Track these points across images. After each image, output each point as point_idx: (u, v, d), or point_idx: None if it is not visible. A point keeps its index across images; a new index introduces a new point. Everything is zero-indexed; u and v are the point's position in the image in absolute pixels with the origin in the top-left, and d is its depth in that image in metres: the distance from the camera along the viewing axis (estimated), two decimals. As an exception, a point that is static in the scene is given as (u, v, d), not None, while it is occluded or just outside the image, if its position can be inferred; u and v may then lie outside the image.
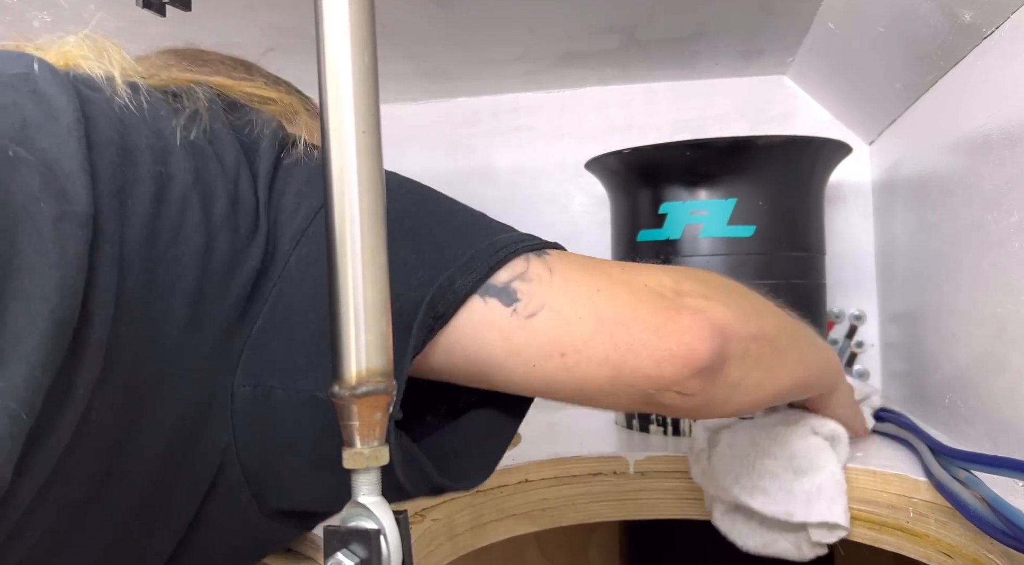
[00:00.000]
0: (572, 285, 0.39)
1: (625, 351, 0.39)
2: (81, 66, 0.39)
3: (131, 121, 0.37)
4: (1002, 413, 0.59)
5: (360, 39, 0.33)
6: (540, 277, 0.39)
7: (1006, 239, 0.57)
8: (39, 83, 0.36)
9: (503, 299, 0.38)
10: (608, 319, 0.39)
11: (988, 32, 0.59)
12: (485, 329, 0.38)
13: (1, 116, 0.33)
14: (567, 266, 0.40)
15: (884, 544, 0.57)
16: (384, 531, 0.32)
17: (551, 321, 0.38)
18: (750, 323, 0.43)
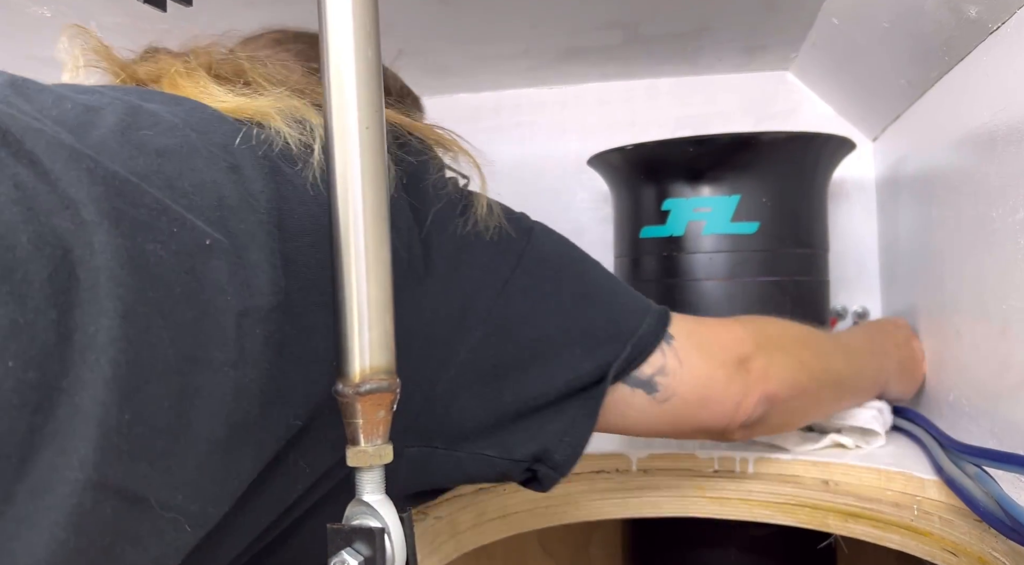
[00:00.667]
0: (693, 376, 0.49)
1: (711, 416, 0.51)
2: (281, 133, 0.38)
3: (323, 200, 0.36)
4: (1007, 411, 0.59)
5: (364, 35, 0.33)
6: (674, 371, 0.48)
7: (1011, 236, 0.57)
8: (238, 160, 0.35)
9: (647, 390, 0.48)
10: (712, 400, 0.50)
11: (994, 27, 0.58)
12: (629, 410, 0.48)
13: (200, 194, 0.32)
14: (690, 352, 0.49)
15: (888, 542, 0.57)
16: (388, 529, 0.32)
17: (679, 405, 0.49)
18: (796, 383, 0.54)
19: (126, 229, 0.28)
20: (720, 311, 0.74)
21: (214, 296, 0.30)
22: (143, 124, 0.34)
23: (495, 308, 0.42)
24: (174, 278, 0.29)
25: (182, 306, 0.29)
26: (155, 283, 0.28)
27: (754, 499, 0.64)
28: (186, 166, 0.33)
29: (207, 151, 0.34)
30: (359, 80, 0.33)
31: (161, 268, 0.29)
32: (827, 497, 0.61)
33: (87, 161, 0.28)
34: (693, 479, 0.66)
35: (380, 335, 0.33)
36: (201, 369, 0.29)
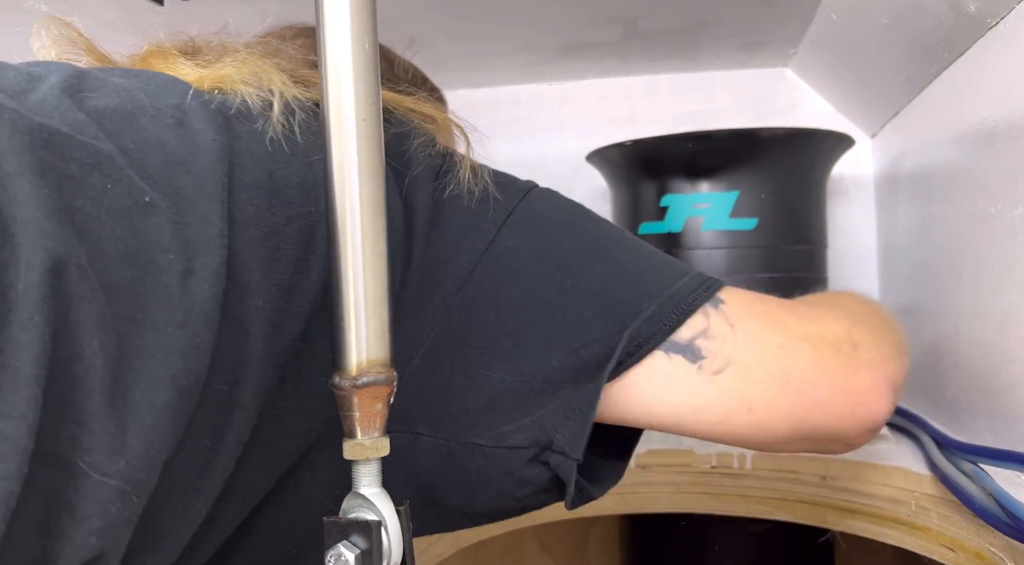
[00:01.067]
0: (755, 341, 0.39)
1: (810, 408, 0.39)
2: (239, 91, 0.37)
3: (282, 156, 0.35)
4: (1005, 407, 0.59)
5: (361, 26, 0.32)
6: (723, 334, 0.38)
7: (1010, 232, 0.57)
8: (187, 115, 0.34)
9: (688, 356, 0.38)
10: (794, 377, 0.39)
11: (993, 23, 0.58)
12: (671, 385, 0.38)
13: (145, 151, 0.31)
14: (746, 318, 0.39)
15: (886, 537, 0.57)
16: (385, 523, 0.32)
17: (738, 378, 0.38)
18: (904, 363, 0.45)
19: (51, 181, 0.26)
20: (718, 307, 0.74)
21: (155, 255, 0.28)
22: (87, 87, 0.33)
23: (477, 271, 0.37)
24: (107, 236, 0.28)
25: (118, 265, 0.27)
26: (85, 240, 0.27)
27: (752, 495, 0.64)
28: (128, 124, 0.32)
29: (153, 109, 0.33)
30: (356, 72, 0.32)
31: (91, 225, 0.27)
32: (825, 493, 0.61)
33: (9, 113, 0.27)
34: (691, 475, 0.66)
35: (377, 327, 0.33)
36: (141, 330, 0.27)
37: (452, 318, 0.37)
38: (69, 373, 0.25)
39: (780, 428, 0.39)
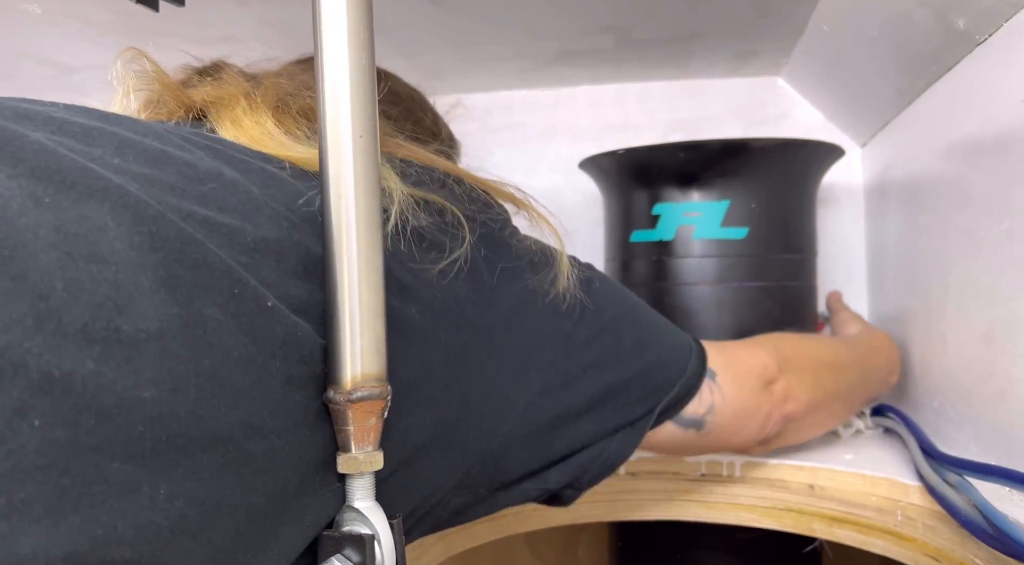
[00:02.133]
0: (731, 407, 0.52)
1: (739, 440, 0.55)
2: None
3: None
4: (990, 418, 0.60)
5: (358, 42, 0.33)
6: (720, 409, 0.51)
7: (996, 245, 0.57)
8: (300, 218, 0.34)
9: (697, 428, 0.51)
10: (743, 425, 0.54)
11: (981, 39, 0.59)
12: (675, 442, 0.51)
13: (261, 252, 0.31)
14: (729, 387, 0.52)
15: (872, 546, 0.58)
16: (378, 536, 0.32)
17: (718, 438, 0.53)
18: (813, 401, 0.57)
19: (183, 295, 0.26)
20: (709, 315, 0.75)
21: (267, 361, 0.29)
22: (205, 178, 0.32)
23: (556, 361, 0.42)
24: (233, 342, 0.28)
25: (241, 371, 0.28)
26: (212, 349, 0.27)
27: (741, 503, 0.65)
28: (248, 222, 0.31)
29: (269, 209, 0.33)
30: (353, 88, 0.33)
31: (220, 334, 0.27)
32: (812, 502, 0.62)
33: (150, 223, 0.27)
34: (680, 483, 0.66)
35: (371, 341, 0.33)
36: (252, 436, 0.28)
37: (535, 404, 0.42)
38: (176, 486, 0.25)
39: (715, 450, 0.56)
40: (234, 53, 0.60)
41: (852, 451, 0.68)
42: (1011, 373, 0.55)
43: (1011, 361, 0.55)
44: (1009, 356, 0.56)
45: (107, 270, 0.24)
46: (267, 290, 0.30)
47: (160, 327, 0.25)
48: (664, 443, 0.51)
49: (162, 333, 0.25)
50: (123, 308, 0.24)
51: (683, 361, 0.49)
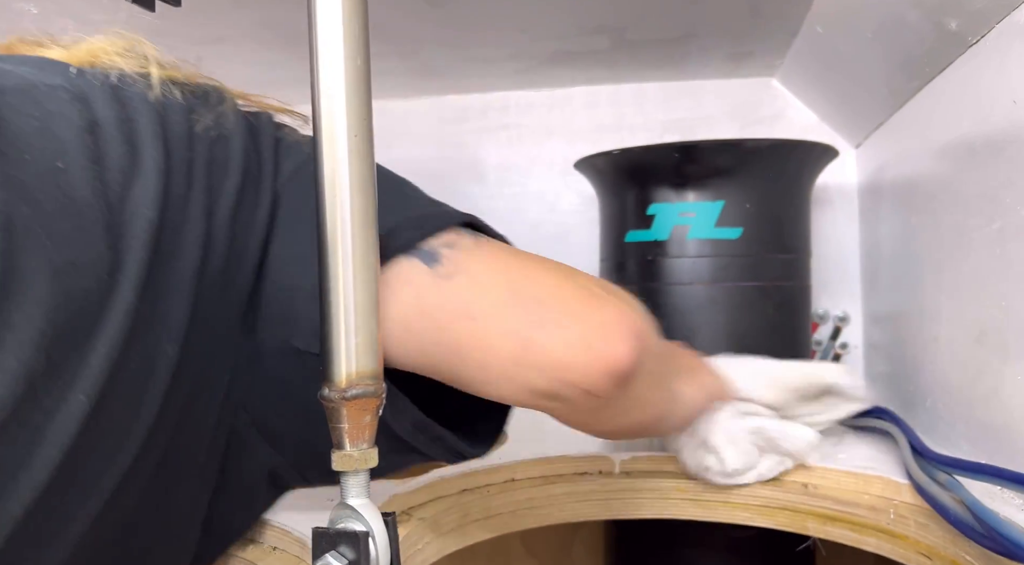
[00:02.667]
0: (495, 258, 0.40)
1: (536, 326, 0.38)
2: (116, 63, 0.39)
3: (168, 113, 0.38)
4: (982, 416, 0.60)
5: (353, 43, 0.33)
6: (468, 247, 0.39)
7: (988, 245, 0.58)
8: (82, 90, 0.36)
9: (425, 260, 0.38)
10: (526, 294, 0.39)
11: (973, 41, 0.59)
12: (402, 285, 0.37)
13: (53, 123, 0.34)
14: (499, 247, 0.41)
15: (865, 545, 0.58)
16: (372, 533, 0.33)
17: (465, 285, 0.38)
18: (656, 339, 0.43)
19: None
20: (704, 315, 0.75)
21: (84, 209, 0.32)
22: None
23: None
24: (42, 196, 0.31)
25: (59, 219, 0.31)
26: (28, 201, 0.30)
27: (735, 502, 0.65)
28: (28, 99, 0.34)
29: (45, 86, 0.35)
30: (348, 88, 0.33)
31: (27, 190, 0.30)
32: (806, 500, 0.62)
33: None
34: (675, 481, 0.67)
35: (366, 340, 0.33)
36: (81, 273, 0.31)
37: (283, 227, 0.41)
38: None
39: (504, 347, 0.38)
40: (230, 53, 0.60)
41: (845, 451, 0.68)
42: (1002, 372, 0.56)
43: (1002, 360, 0.56)
44: (1000, 355, 0.56)
45: None
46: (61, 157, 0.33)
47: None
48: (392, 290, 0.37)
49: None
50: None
51: (435, 206, 0.43)
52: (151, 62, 0.40)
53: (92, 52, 0.40)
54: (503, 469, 0.67)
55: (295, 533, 0.52)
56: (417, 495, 0.61)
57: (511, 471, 0.67)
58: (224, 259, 0.37)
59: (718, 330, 0.75)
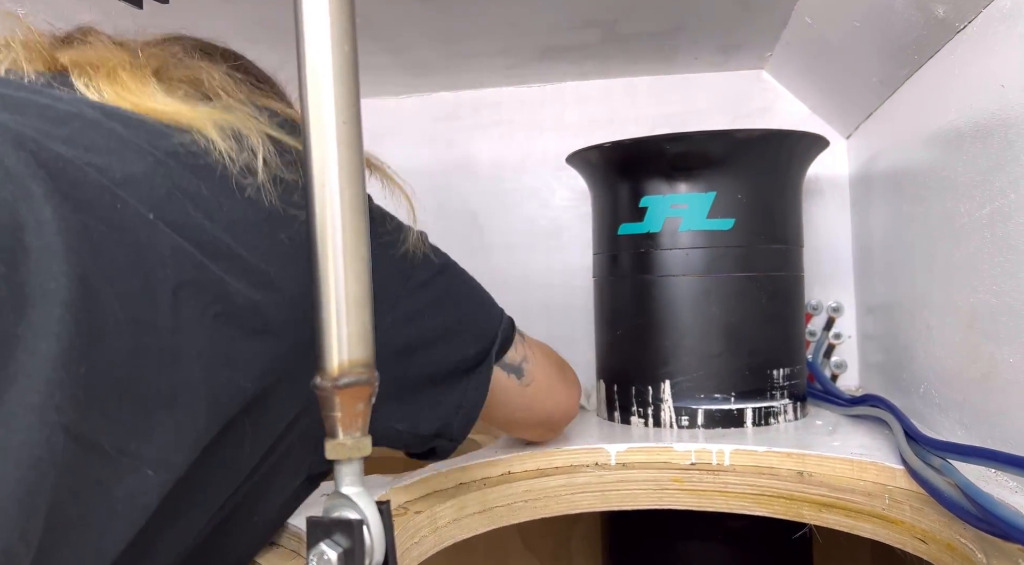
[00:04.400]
0: (541, 365, 0.60)
1: (552, 408, 0.65)
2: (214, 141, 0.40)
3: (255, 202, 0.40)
4: (975, 402, 0.60)
5: (340, 29, 0.33)
6: (533, 359, 0.59)
7: (978, 231, 0.58)
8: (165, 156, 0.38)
9: (517, 376, 0.58)
10: (554, 388, 0.63)
11: (961, 26, 0.60)
12: (501, 391, 0.56)
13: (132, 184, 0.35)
14: (534, 348, 0.60)
15: (861, 531, 0.58)
16: (367, 521, 0.33)
17: (536, 390, 0.60)
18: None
19: (72, 206, 0.30)
20: (697, 306, 0.75)
21: (155, 268, 0.33)
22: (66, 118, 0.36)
23: (401, 298, 0.48)
24: (119, 250, 0.32)
25: (127, 275, 0.31)
26: (102, 254, 0.31)
27: (730, 491, 0.65)
28: (115, 158, 0.35)
29: (134, 145, 0.36)
30: (336, 75, 0.33)
31: (106, 241, 0.31)
32: (802, 488, 0.62)
33: (31, 144, 0.31)
34: (670, 472, 0.67)
35: (358, 329, 0.33)
36: (146, 331, 0.32)
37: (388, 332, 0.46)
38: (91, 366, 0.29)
39: (535, 418, 0.64)
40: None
41: (840, 438, 0.68)
42: (995, 356, 0.56)
43: (994, 345, 0.56)
44: (992, 340, 0.56)
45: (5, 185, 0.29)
46: (147, 210, 0.34)
47: (56, 229, 0.29)
48: (496, 389, 0.55)
49: (60, 232, 0.29)
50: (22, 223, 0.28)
51: (499, 313, 0.56)
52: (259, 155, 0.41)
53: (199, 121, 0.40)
54: (500, 462, 0.67)
55: (291, 528, 0.52)
56: (414, 489, 0.61)
57: (508, 464, 0.67)
58: None
59: (712, 321, 0.75)
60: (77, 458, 0.28)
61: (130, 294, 0.31)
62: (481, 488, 0.64)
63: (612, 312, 0.82)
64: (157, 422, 0.32)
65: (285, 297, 0.38)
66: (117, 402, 0.30)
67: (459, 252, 0.55)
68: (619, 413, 0.79)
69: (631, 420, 0.78)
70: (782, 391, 0.76)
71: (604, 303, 0.83)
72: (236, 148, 0.40)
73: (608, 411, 0.81)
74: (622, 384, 0.79)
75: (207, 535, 0.39)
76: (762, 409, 0.75)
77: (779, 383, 0.76)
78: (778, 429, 0.74)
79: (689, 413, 0.75)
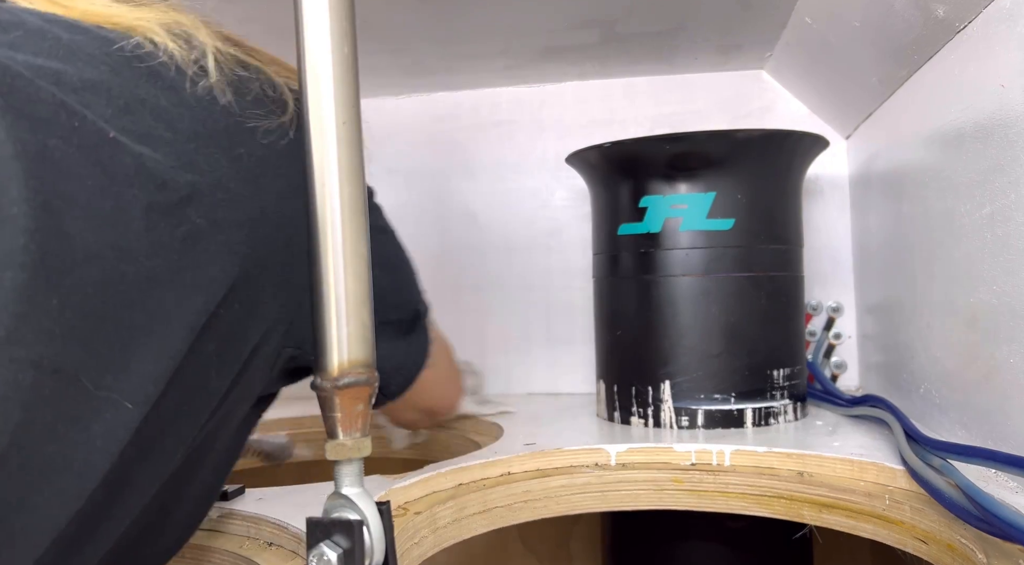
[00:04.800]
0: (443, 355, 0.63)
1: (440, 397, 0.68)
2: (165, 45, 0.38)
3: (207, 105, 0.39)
4: (975, 402, 0.60)
5: (340, 30, 0.33)
6: (438, 346, 0.60)
7: (978, 231, 0.58)
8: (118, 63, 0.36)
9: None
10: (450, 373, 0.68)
11: (961, 27, 0.59)
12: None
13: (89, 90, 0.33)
14: (439, 337, 0.61)
15: (861, 531, 0.58)
16: (367, 522, 0.33)
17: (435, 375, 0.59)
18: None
19: (26, 125, 0.29)
20: (697, 306, 0.75)
21: (123, 189, 0.31)
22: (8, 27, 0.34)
23: None
24: (85, 171, 0.30)
25: (96, 198, 0.30)
26: (66, 177, 0.29)
27: (731, 491, 0.65)
28: (68, 65, 0.33)
29: (84, 53, 0.35)
30: (336, 76, 0.33)
31: (69, 161, 0.30)
32: (802, 488, 0.62)
33: None
34: (671, 472, 0.67)
35: (358, 328, 0.33)
36: (122, 258, 0.30)
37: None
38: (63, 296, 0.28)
39: (424, 403, 0.65)
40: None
41: (840, 438, 0.68)
42: (995, 356, 0.56)
43: (995, 344, 0.56)
44: (992, 339, 0.56)
45: None
46: (107, 125, 0.32)
47: (13, 152, 0.27)
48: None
49: (17, 156, 0.27)
50: None
51: (420, 291, 0.57)
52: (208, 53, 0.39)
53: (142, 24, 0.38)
54: (499, 463, 0.67)
55: (291, 529, 0.52)
56: (413, 489, 0.61)
57: (507, 465, 0.67)
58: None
59: (712, 321, 0.75)
60: (55, 394, 0.28)
61: (100, 218, 0.30)
62: (481, 488, 0.64)
63: (612, 312, 0.82)
64: (134, 353, 0.31)
65: (244, 217, 0.37)
66: (94, 334, 0.29)
67: (458, 252, 0.55)
68: (619, 413, 0.79)
69: (631, 420, 0.78)
70: (782, 391, 0.76)
71: (604, 303, 0.83)
72: (186, 47, 0.38)
73: (608, 411, 0.81)
74: (622, 384, 0.79)
75: (179, 466, 0.38)
76: (762, 409, 0.75)
77: (779, 383, 0.76)
78: (778, 429, 0.74)
79: (689, 413, 0.75)
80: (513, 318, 1.08)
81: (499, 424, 0.82)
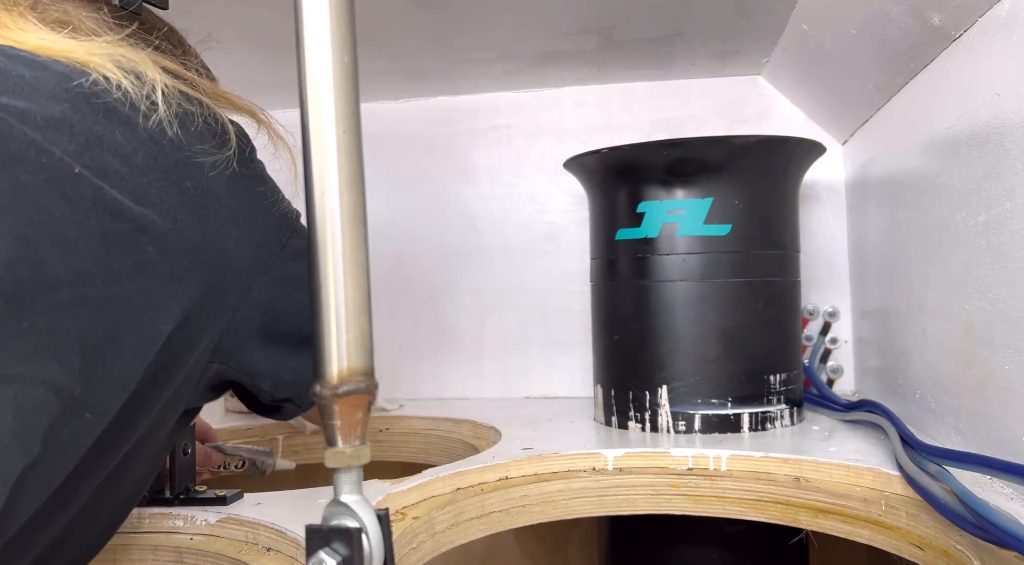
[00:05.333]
0: None
1: None
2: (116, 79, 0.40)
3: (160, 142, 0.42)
4: (970, 407, 0.61)
5: (341, 40, 0.33)
6: None
7: (974, 238, 0.58)
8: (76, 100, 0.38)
9: None
10: None
11: (956, 35, 0.60)
12: None
13: (53, 128, 0.36)
14: None
15: (857, 537, 0.58)
16: (365, 529, 0.33)
17: None
18: None
19: (1, 164, 0.31)
20: (694, 311, 0.75)
21: (85, 219, 0.34)
22: None
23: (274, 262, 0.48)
24: (52, 203, 0.33)
25: (64, 228, 0.33)
26: (38, 209, 0.32)
27: (728, 496, 0.65)
28: (33, 102, 0.36)
29: (47, 90, 0.37)
30: (336, 85, 0.33)
31: (39, 194, 0.33)
32: (798, 493, 0.62)
33: None
34: (668, 477, 0.67)
35: (357, 336, 0.33)
36: (84, 281, 0.33)
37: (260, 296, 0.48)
38: (33, 321, 0.31)
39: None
40: (217, 54, 0.60)
41: (836, 444, 0.68)
42: (990, 363, 0.56)
43: (990, 351, 0.56)
44: (988, 346, 0.57)
45: None
46: (71, 160, 0.35)
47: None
48: None
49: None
50: None
51: None
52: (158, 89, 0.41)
53: (93, 58, 0.40)
54: (497, 467, 0.67)
55: (289, 534, 0.52)
56: (411, 494, 0.61)
57: (505, 469, 0.68)
58: None
59: (708, 326, 0.75)
60: (32, 405, 0.31)
61: (66, 246, 0.33)
62: (479, 493, 0.64)
63: (609, 317, 0.82)
64: (93, 368, 0.34)
65: (190, 245, 0.40)
66: (62, 350, 0.32)
67: (456, 257, 0.54)
68: (616, 418, 0.80)
69: (628, 425, 0.78)
70: (779, 396, 0.77)
71: (601, 308, 0.83)
72: (137, 83, 0.40)
73: (605, 416, 0.81)
74: (619, 389, 0.79)
75: (113, 469, 0.41)
76: (759, 414, 0.75)
77: (776, 388, 0.76)
78: (775, 434, 0.74)
79: (686, 418, 0.75)
80: (511, 322, 1.08)
81: (496, 428, 0.82)
